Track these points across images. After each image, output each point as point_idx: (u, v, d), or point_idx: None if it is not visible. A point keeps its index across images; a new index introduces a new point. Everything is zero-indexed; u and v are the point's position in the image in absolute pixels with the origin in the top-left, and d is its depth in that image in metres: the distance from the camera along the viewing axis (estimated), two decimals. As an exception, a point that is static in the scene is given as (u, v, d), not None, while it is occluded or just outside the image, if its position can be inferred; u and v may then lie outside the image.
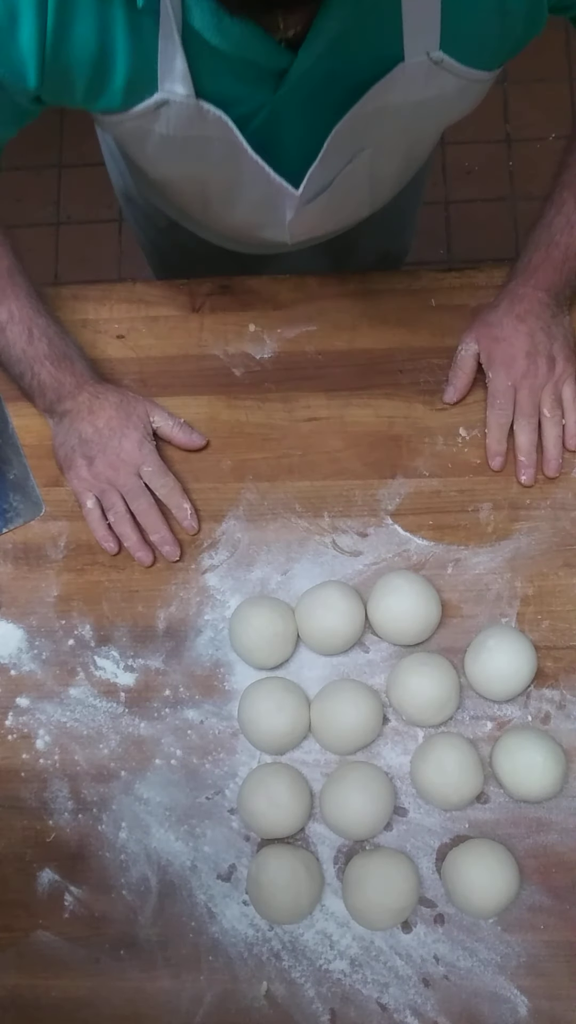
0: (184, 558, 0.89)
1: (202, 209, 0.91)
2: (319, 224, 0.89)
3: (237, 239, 0.98)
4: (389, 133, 0.75)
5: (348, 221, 0.93)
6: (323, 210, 0.79)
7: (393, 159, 0.83)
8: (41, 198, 2.11)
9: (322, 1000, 0.76)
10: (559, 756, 0.79)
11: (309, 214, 0.83)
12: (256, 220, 0.87)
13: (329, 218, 0.89)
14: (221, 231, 0.98)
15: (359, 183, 0.82)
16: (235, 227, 0.93)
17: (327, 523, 0.90)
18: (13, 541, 0.91)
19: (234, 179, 0.77)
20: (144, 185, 1.03)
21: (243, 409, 0.94)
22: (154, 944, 0.79)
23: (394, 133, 0.76)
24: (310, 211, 0.82)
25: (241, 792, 0.80)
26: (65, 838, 0.82)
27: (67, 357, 0.87)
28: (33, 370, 0.86)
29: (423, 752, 0.80)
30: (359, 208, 0.91)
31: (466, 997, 0.76)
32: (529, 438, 0.88)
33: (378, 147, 0.77)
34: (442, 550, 0.88)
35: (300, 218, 0.83)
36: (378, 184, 0.87)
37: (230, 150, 0.71)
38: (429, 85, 0.68)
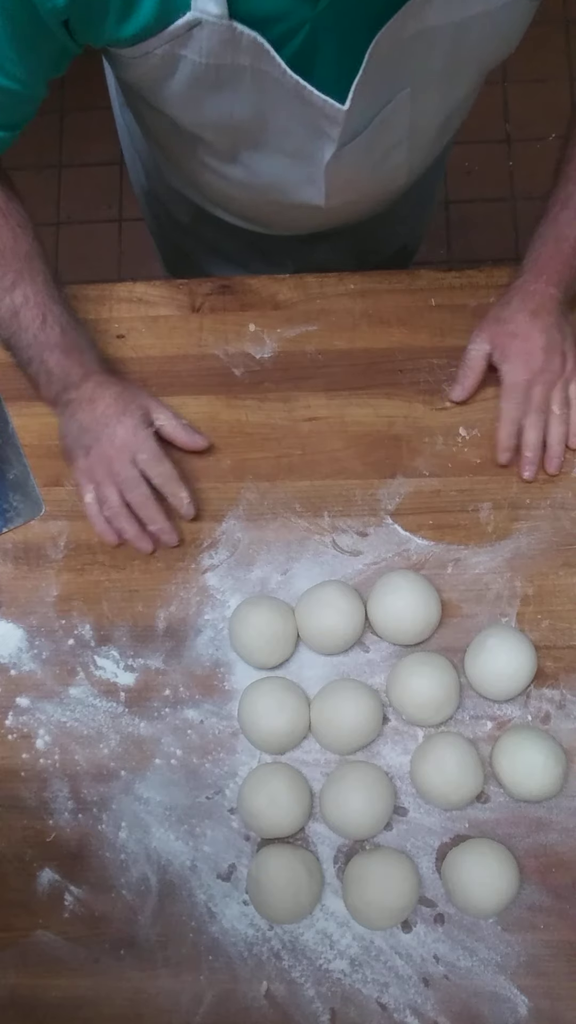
0: (184, 558, 0.89)
1: (231, 164, 0.87)
2: (356, 178, 0.85)
3: (267, 211, 0.95)
4: (429, 68, 0.73)
5: (385, 185, 0.90)
6: (362, 159, 0.77)
7: (432, 103, 0.80)
8: (41, 198, 2.11)
9: (322, 1000, 0.76)
10: (559, 756, 0.79)
11: (347, 162, 0.80)
12: (291, 172, 0.83)
13: (367, 172, 0.86)
14: (251, 199, 0.94)
15: (399, 130, 0.80)
16: (267, 186, 0.89)
17: (327, 523, 0.90)
18: (13, 541, 0.91)
19: (269, 114, 0.74)
20: (169, 166, 1.01)
21: (243, 409, 0.95)
22: (154, 944, 0.79)
23: (434, 68, 0.73)
24: (348, 158, 0.79)
25: (241, 792, 0.80)
26: (65, 838, 0.82)
27: (77, 347, 0.86)
28: (42, 357, 0.85)
29: (423, 752, 0.80)
30: (397, 169, 0.88)
31: (466, 997, 0.76)
32: (538, 434, 0.88)
33: (418, 86, 0.74)
34: (442, 550, 0.88)
35: (338, 166, 0.80)
36: (417, 137, 0.84)
37: (264, 79, 0.68)
38: (470, 2, 0.66)
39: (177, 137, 0.85)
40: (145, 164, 1.09)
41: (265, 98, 0.71)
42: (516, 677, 0.81)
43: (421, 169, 0.94)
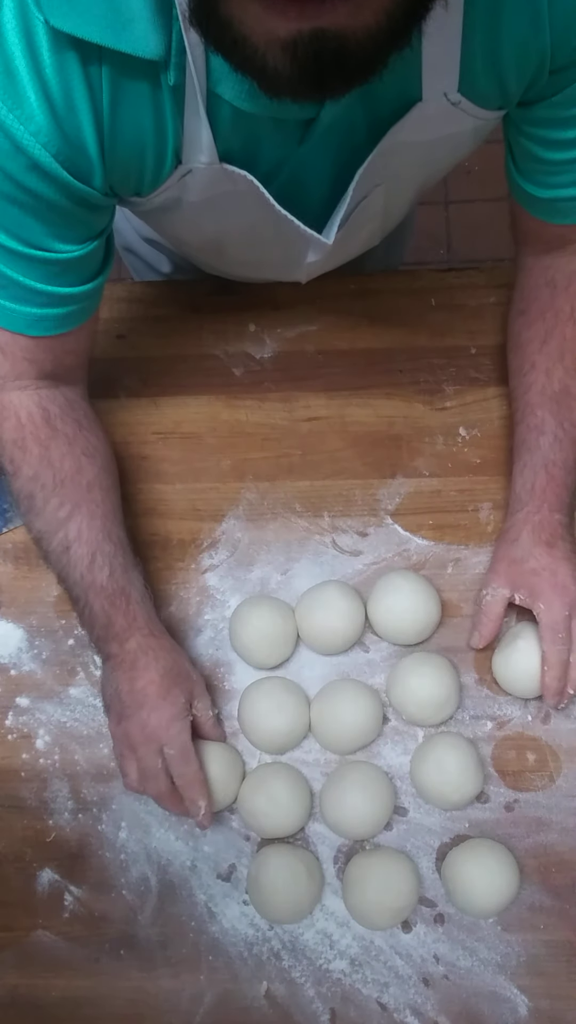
0: (184, 558, 0.89)
1: (217, 257, 0.89)
2: (332, 260, 0.87)
3: (247, 276, 0.97)
4: (405, 169, 0.74)
5: (358, 251, 0.92)
6: (337, 247, 0.78)
7: (407, 192, 0.83)
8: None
9: (322, 1000, 0.76)
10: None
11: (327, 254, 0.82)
12: (274, 265, 0.86)
13: (341, 253, 0.87)
14: (232, 273, 0.96)
15: (372, 216, 0.81)
16: (249, 271, 0.92)
17: (327, 523, 0.90)
18: (13, 541, 0.91)
19: (258, 232, 0.75)
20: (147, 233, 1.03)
21: (243, 409, 0.95)
22: (154, 944, 0.79)
23: (410, 168, 0.75)
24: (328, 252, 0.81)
25: (241, 792, 0.80)
26: (65, 838, 0.82)
27: (124, 594, 0.79)
28: (88, 598, 0.78)
29: (423, 752, 0.80)
30: (370, 239, 0.89)
31: (466, 997, 0.76)
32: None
33: (393, 182, 0.76)
34: (442, 550, 0.88)
35: (317, 260, 0.82)
36: (390, 215, 0.86)
37: (254, 204, 0.69)
38: (445, 124, 0.68)
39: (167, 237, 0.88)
40: (121, 226, 1.10)
41: (256, 217, 0.72)
42: None
43: (395, 226, 0.94)
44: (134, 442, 0.94)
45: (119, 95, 0.58)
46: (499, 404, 0.93)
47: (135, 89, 0.58)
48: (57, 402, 0.78)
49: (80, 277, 0.71)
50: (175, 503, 0.92)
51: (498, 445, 0.91)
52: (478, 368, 0.94)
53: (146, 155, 0.63)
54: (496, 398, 0.93)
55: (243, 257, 0.86)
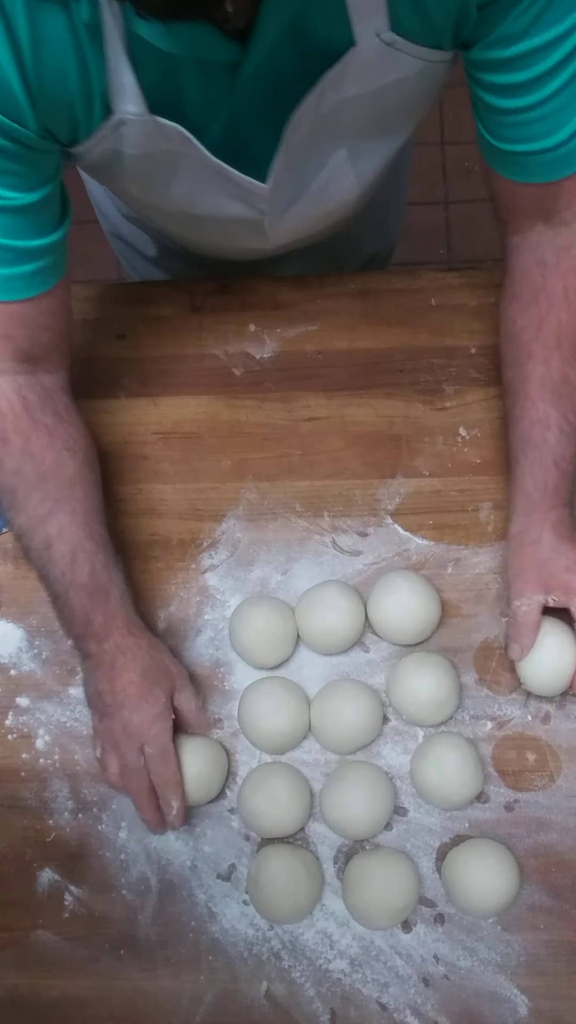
0: (184, 558, 0.89)
1: (181, 225, 0.89)
2: (302, 226, 0.86)
3: (224, 248, 0.96)
4: (361, 125, 0.73)
5: (333, 221, 0.90)
6: (308, 212, 0.78)
7: (374, 153, 0.80)
8: (41, 198, 2.11)
9: (322, 1000, 0.76)
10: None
11: (292, 219, 0.81)
12: (235, 233, 0.84)
13: (314, 221, 0.86)
14: (205, 245, 0.95)
15: (343, 183, 0.80)
16: (216, 240, 0.90)
17: (327, 523, 0.90)
18: (13, 541, 0.91)
19: (203, 193, 0.75)
20: (129, 211, 1.02)
21: (243, 409, 0.95)
22: (154, 944, 0.79)
23: (365, 123, 0.73)
24: (292, 219, 0.80)
25: (241, 792, 0.80)
26: (65, 838, 0.82)
27: (104, 591, 0.78)
28: (68, 595, 0.78)
29: (423, 752, 0.80)
30: (344, 208, 0.87)
31: (466, 997, 0.76)
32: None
33: (354, 145, 0.75)
34: (442, 550, 0.88)
35: (283, 222, 0.81)
36: (364, 179, 0.83)
37: (193, 163, 0.69)
38: (387, 69, 0.66)
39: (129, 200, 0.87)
40: (106, 208, 1.10)
41: (197, 179, 0.72)
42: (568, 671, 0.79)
43: (373, 192, 0.92)
44: (134, 442, 0.94)
45: (37, 31, 0.57)
46: (499, 404, 0.93)
47: (51, 24, 0.57)
48: (35, 391, 0.77)
49: (39, 228, 0.72)
50: (175, 503, 0.92)
51: (498, 445, 0.91)
52: (478, 368, 0.94)
53: (73, 97, 0.62)
54: (496, 398, 0.93)
55: (200, 218, 0.82)
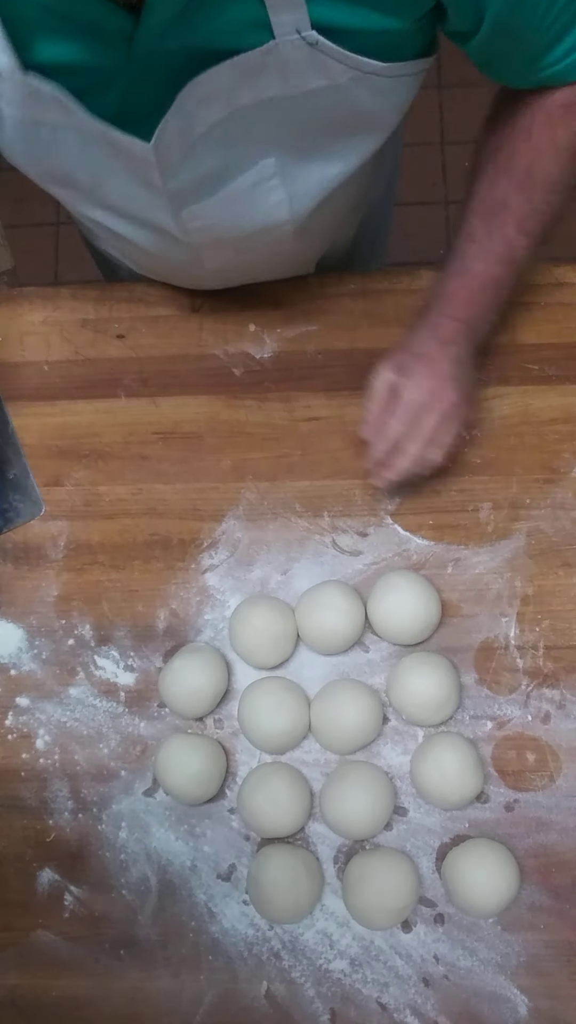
0: (184, 558, 0.89)
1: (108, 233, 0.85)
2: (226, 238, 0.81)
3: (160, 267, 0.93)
4: (291, 138, 0.70)
5: (267, 247, 0.85)
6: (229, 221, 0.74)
7: (308, 175, 0.76)
8: (41, 198, 2.10)
9: (322, 1000, 0.76)
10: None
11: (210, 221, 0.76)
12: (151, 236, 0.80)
13: (240, 238, 0.82)
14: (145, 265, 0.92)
15: (270, 197, 0.76)
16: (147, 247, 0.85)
17: (327, 523, 0.90)
18: (13, 541, 0.91)
19: (101, 172, 0.71)
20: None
21: (243, 409, 0.95)
22: (154, 944, 0.79)
23: (296, 138, 0.70)
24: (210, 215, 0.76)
25: (241, 792, 0.80)
26: (65, 838, 0.82)
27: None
28: None
29: (423, 752, 0.80)
30: (275, 231, 0.82)
31: (466, 997, 0.76)
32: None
33: (284, 157, 0.72)
34: (442, 550, 0.88)
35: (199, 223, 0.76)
36: (297, 204, 0.79)
37: (83, 135, 0.65)
38: (311, 73, 0.62)
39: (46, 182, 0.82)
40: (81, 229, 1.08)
41: (92, 156, 0.68)
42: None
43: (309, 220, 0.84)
44: (134, 442, 0.94)
45: None
46: (499, 404, 0.93)
47: None
48: None
49: None
50: (175, 503, 0.92)
51: (498, 445, 0.91)
52: (478, 368, 0.94)
53: None
54: (496, 398, 0.93)
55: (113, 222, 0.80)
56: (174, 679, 0.82)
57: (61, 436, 0.95)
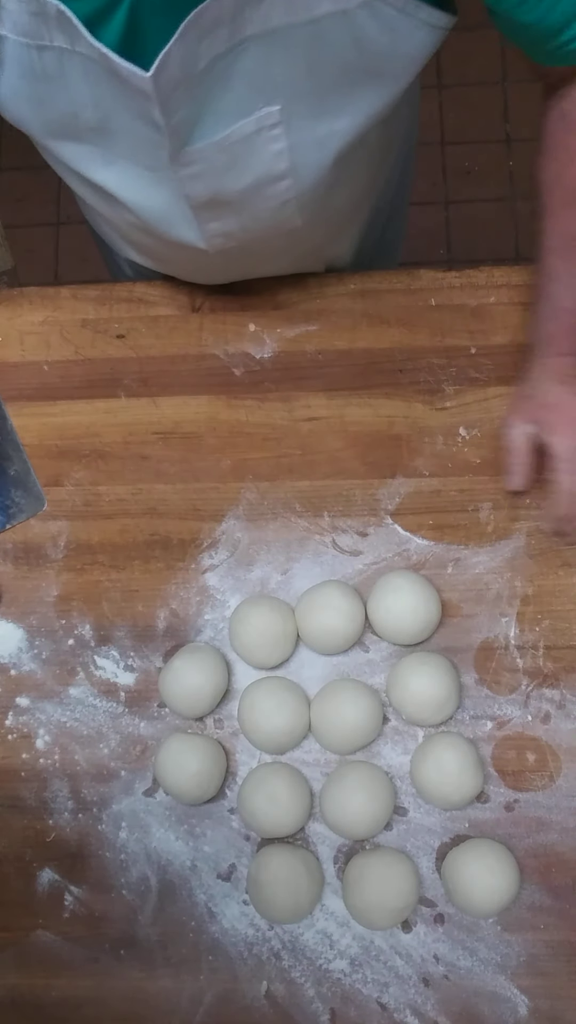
0: (184, 558, 0.89)
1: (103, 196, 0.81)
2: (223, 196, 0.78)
3: (170, 255, 0.91)
4: (297, 84, 0.68)
5: (275, 226, 0.83)
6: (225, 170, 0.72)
7: (312, 132, 0.73)
8: (41, 198, 2.11)
9: (322, 1000, 0.76)
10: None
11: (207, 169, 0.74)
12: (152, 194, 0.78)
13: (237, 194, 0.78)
14: (145, 241, 0.89)
15: (269, 148, 0.73)
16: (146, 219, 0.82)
17: (327, 523, 0.90)
18: (13, 541, 0.91)
19: (106, 109, 0.69)
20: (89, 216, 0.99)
21: (243, 409, 0.95)
22: (154, 944, 0.79)
23: (301, 83, 0.68)
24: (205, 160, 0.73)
25: (241, 792, 0.80)
26: (65, 838, 0.82)
27: None
28: None
29: (423, 752, 0.80)
30: (283, 207, 0.80)
31: (466, 997, 0.76)
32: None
33: (289, 107, 0.70)
34: (442, 550, 0.88)
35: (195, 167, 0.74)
36: (298, 165, 0.76)
37: (90, 66, 0.63)
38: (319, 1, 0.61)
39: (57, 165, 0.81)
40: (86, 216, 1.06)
41: (98, 87, 0.66)
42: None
43: (319, 211, 0.84)
44: (134, 442, 0.94)
45: None
46: (499, 404, 0.93)
47: None
48: None
49: None
50: (175, 503, 0.92)
51: (498, 445, 0.91)
52: (478, 368, 0.94)
53: None
54: (496, 398, 0.93)
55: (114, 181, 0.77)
56: (174, 679, 0.82)
57: (61, 436, 0.95)
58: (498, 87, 2.08)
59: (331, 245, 0.98)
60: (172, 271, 0.98)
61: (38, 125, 0.73)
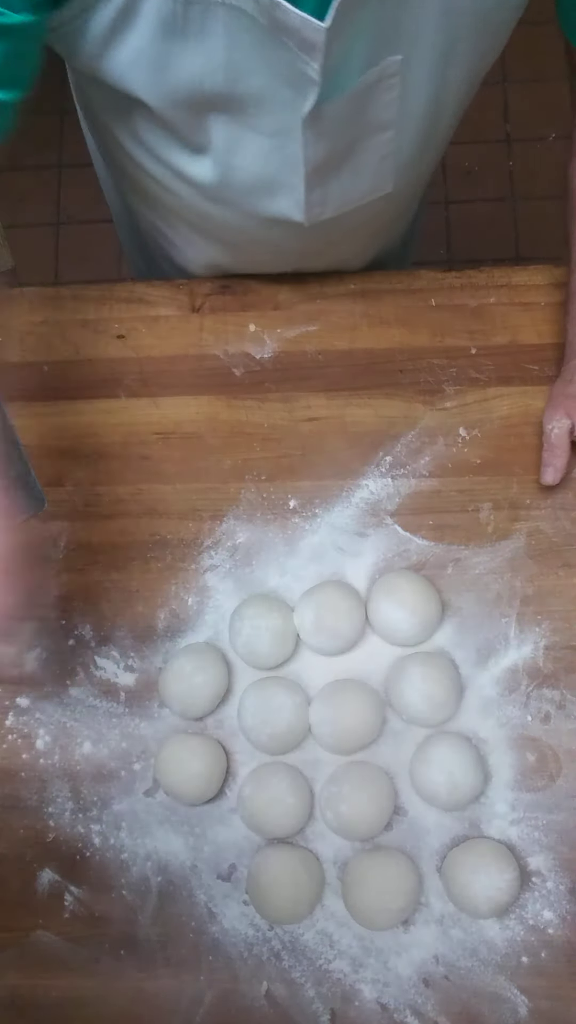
0: (184, 558, 0.89)
1: (201, 157, 0.79)
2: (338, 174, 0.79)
3: (242, 238, 0.91)
4: (420, 33, 0.69)
5: (370, 189, 0.84)
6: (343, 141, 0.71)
7: (422, 82, 0.74)
8: (41, 198, 2.11)
9: (322, 1000, 0.76)
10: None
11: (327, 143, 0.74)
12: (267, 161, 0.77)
13: (350, 171, 0.79)
14: (223, 217, 0.88)
15: (385, 96, 0.73)
16: (241, 191, 0.82)
17: (327, 523, 0.90)
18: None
19: (242, 69, 0.67)
20: (136, 199, 0.99)
21: (243, 409, 0.95)
22: (154, 944, 0.79)
23: (426, 34, 0.69)
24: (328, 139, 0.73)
25: (241, 792, 0.80)
26: (65, 838, 0.82)
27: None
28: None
29: (423, 752, 0.80)
30: (382, 164, 0.81)
31: (466, 997, 0.76)
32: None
33: (409, 54, 0.70)
34: (442, 550, 0.88)
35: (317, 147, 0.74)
36: (404, 125, 0.78)
37: (238, 18, 0.62)
38: None
39: (141, 136, 0.79)
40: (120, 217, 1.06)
41: (238, 46, 0.65)
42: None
43: (408, 178, 0.87)
44: (134, 442, 0.94)
45: None
46: (499, 404, 0.93)
47: None
48: None
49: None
50: (175, 503, 0.92)
51: (498, 445, 0.91)
52: (478, 368, 0.94)
53: None
54: (496, 398, 0.93)
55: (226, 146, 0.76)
56: (174, 679, 0.82)
57: (61, 436, 0.95)
58: (498, 87, 2.08)
59: (397, 224, 0.99)
60: (246, 264, 0.97)
61: (155, 91, 0.71)
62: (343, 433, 0.93)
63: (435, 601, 0.84)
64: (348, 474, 0.91)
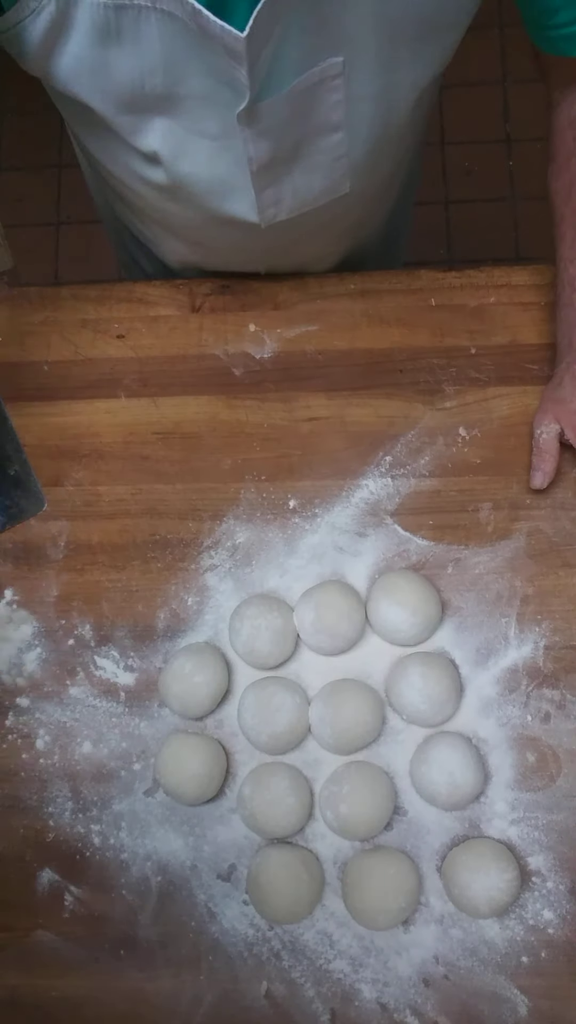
0: (184, 558, 0.89)
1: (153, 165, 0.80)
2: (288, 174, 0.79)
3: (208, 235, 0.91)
4: (359, 34, 0.69)
5: (326, 190, 0.84)
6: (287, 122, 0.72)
7: (368, 84, 0.74)
8: (41, 198, 2.11)
9: (322, 1000, 0.76)
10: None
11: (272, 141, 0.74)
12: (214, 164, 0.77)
13: (301, 170, 0.79)
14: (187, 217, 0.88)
15: (329, 98, 0.74)
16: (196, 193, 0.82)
17: (327, 523, 0.90)
18: (13, 541, 0.91)
19: (179, 71, 0.68)
20: (114, 199, 0.99)
21: (243, 409, 0.95)
22: (154, 944, 0.79)
23: (368, 32, 0.69)
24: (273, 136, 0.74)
25: (241, 792, 0.80)
26: (65, 838, 0.82)
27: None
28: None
29: (423, 752, 0.80)
30: (335, 164, 0.81)
31: (466, 997, 0.76)
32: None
33: (351, 59, 0.70)
34: (442, 550, 0.88)
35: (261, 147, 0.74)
36: (355, 128, 0.78)
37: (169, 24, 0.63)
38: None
39: (99, 138, 0.80)
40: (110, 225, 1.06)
41: (173, 49, 0.66)
42: None
43: (366, 180, 0.86)
44: (134, 442, 0.94)
45: None
46: (499, 404, 0.93)
47: None
48: None
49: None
50: (175, 503, 0.92)
51: (498, 445, 0.91)
52: (478, 368, 0.94)
53: None
54: (496, 398, 0.93)
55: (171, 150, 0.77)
56: (174, 679, 0.82)
57: (61, 436, 0.95)
58: (498, 87, 2.08)
59: (363, 226, 0.98)
60: (215, 261, 0.97)
61: (99, 96, 0.72)
62: (343, 433, 0.93)
63: (435, 601, 0.84)
64: (348, 474, 0.91)
